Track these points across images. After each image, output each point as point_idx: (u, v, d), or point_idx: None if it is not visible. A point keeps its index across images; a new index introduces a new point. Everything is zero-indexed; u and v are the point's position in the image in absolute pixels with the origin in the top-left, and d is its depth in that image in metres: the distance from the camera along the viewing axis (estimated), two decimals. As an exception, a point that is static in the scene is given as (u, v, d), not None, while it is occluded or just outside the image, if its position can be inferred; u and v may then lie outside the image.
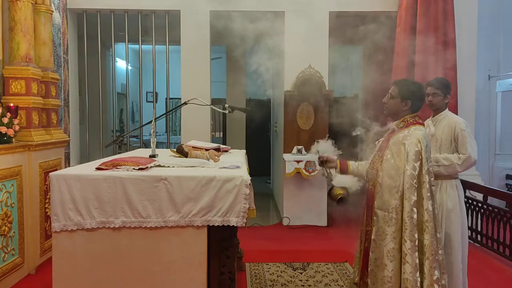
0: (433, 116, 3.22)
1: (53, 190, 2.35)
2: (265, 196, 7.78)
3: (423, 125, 2.59)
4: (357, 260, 2.79)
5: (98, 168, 2.48)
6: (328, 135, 2.99)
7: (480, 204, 4.76)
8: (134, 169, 2.44)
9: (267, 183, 8.75)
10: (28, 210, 3.89)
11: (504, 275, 4.14)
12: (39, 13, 4.31)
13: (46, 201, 4.11)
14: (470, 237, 4.68)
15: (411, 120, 2.55)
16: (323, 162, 2.88)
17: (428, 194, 2.40)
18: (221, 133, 10.09)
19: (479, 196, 4.80)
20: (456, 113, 4.49)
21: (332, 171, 2.89)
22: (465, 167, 3.05)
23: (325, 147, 2.93)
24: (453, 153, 3.06)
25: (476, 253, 4.58)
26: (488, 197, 4.66)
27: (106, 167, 2.47)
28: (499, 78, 6.52)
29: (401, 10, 5.46)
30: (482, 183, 5.10)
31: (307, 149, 5.56)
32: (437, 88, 3.14)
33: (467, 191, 4.65)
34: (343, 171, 2.85)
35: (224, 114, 9.20)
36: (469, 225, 4.73)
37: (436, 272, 2.36)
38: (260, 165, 8.10)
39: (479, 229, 4.82)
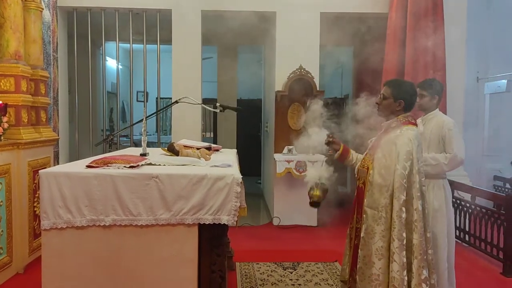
0: (424, 116, 3.26)
1: (42, 188, 2.33)
2: (255, 196, 7.78)
3: (416, 125, 2.60)
4: (346, 258, 2.80)
5: (88, 166, 2.46)
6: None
7: (468, 205, 4.81)
8: (125, 167, 2.43)
9: (257, 183, 8.75)
10: (16, 209, 3.85)
11: (491, 274, 4.19)
12: (29, 10, 4.28)
13: (35, 199, 4.07)
14: (458, 237, 4.73)
15: (404, 120, 2.56)
16: (330, 142, 2.81)
17: (418, 194, 2.41)
18: (212, 133, 10.06)
19: (467, 197, 4.86)
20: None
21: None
22: (452, 167, 3.08)
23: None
24: (441, 153, 3.10)
25: (464, 252, 4.63)
26: (476, 197, 4.72)
27: (97, 165, 2.46)
28: (488, 80, 6.59)
29: (391, 12, 5.51)
30: (470, 184, 5.16)
31: (298, 149, 5.59)
32: (423, 89, 3.19)
33: (455, 191, 4.70)
34: (343, 156, 2.81)
35: (215, 114, 9.21)
36: (457, 225, 4.78)
37: (425, 272, 2.37)
38: (251, 165, 8.12)
39: (467, 229, 4.88)
